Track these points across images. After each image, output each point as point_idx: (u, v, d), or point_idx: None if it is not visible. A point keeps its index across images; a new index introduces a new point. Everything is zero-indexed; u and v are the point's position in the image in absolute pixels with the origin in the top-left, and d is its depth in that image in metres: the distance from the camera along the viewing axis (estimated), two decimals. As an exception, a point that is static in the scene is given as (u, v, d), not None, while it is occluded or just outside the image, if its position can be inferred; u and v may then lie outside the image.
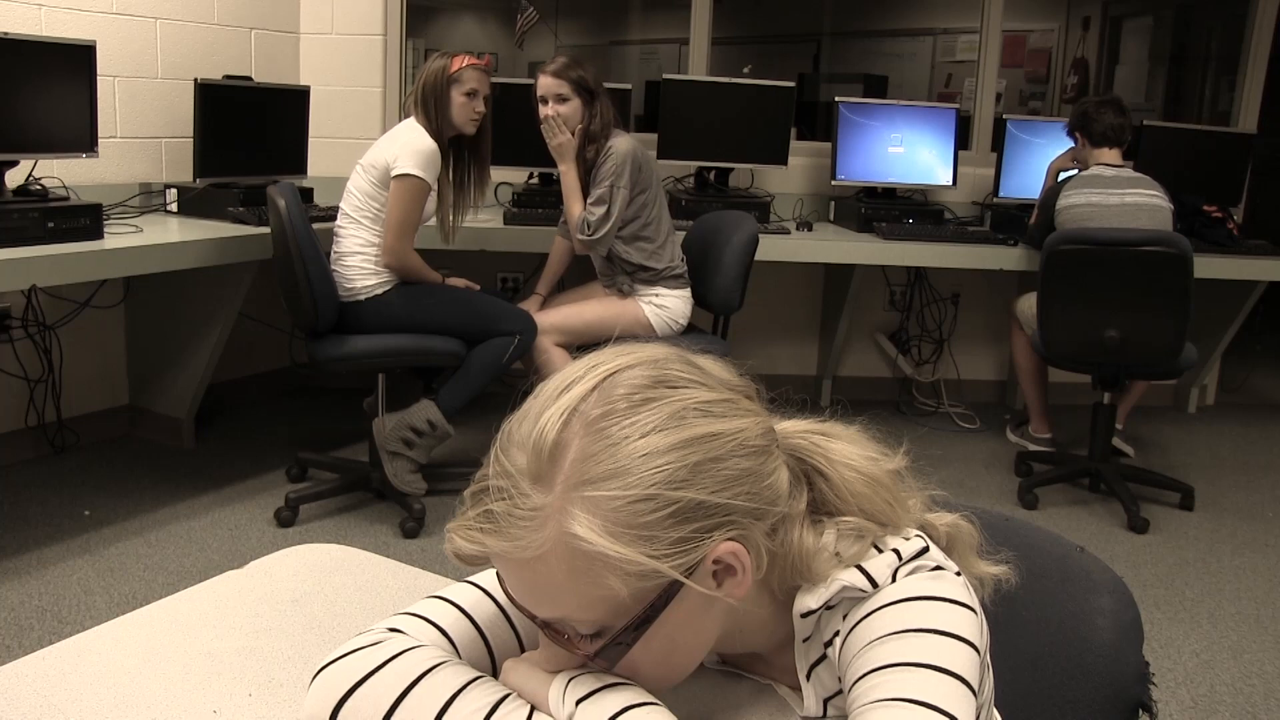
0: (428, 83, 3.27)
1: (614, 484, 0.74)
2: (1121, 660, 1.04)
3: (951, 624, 0.81)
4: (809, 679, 0.92)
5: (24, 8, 3.37)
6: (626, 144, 3.40)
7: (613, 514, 0.74)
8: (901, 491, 0.89)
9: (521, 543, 0.75)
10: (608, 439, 0.75)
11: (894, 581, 0.84)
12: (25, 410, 3.64)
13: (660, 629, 0.79)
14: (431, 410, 3.26)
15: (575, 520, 0.74)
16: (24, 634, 2.52)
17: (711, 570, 0.78)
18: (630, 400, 0.77)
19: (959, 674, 0.78)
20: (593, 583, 0.75)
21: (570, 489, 0.74)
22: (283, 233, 3.09)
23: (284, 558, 1.21)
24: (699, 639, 0.84)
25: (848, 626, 0.84)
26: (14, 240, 2.81)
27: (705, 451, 0.76)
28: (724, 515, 0.77)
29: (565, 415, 0.76)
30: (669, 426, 0.76)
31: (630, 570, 0.74)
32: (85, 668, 0.96)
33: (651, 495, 0.74)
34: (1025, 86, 7.90)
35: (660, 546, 0.74)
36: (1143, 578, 3.19)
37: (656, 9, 9.25)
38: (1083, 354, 3.59)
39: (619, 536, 0.74)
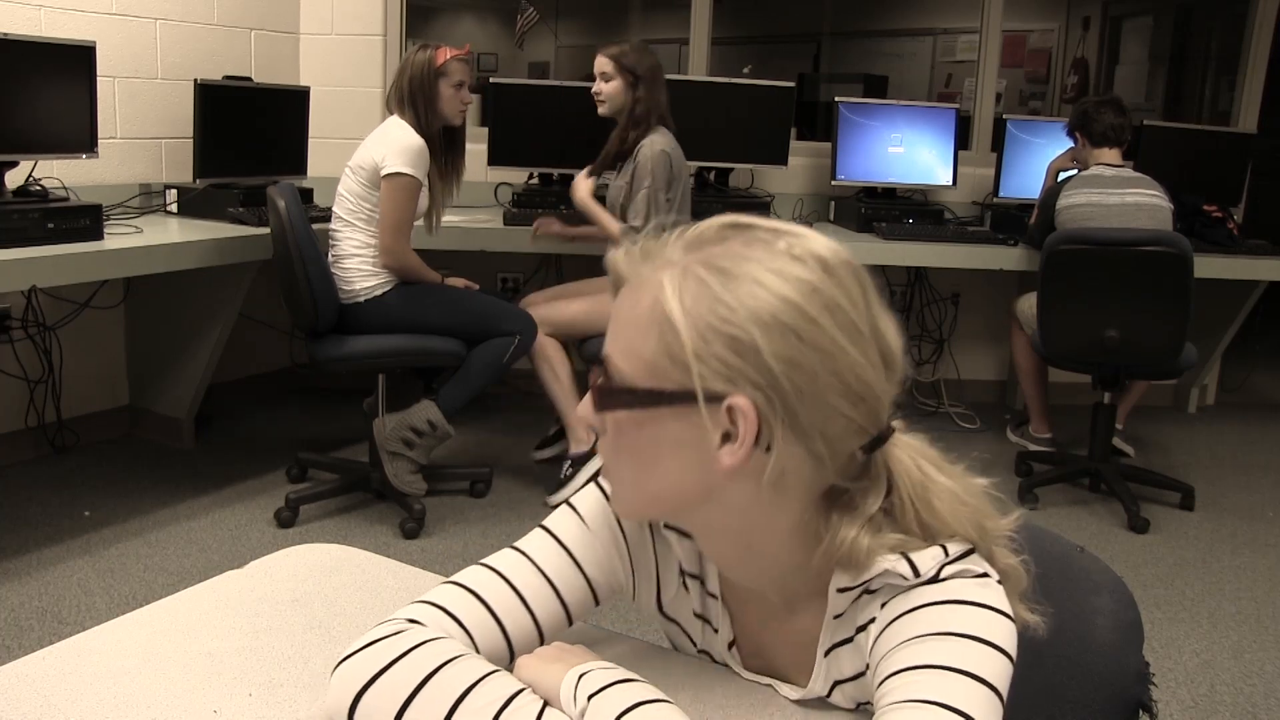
0: (414, 78, 3.24)
1: (721, 281, 0.80)
2: (1122, 661, 1.04)
3: (991, 632, 0.81)
4: (826, 655, 0.92)
5: (24, 8, 3.37)
6: (659, 143, 3.42)
7: (698, 299, 0.80)
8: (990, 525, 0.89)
9: (641, 270, 0.84)
10: (753, 252, 0.81)
11: (938, 578, 0.84)
12: (25, 411, 3.64)
13: (654, 425, 0.83)
14: (432, 410, 3.26)
15: (674, 278, 0.81)
16: (24, 634, 2.52)
17: (723, 419, 0.80)
18: (789, 249, 0.82)
19: (992, 683, 0.79)
20: (643, 336, 0.81)
21: (689, 262, 0.82)
22: (282, 233, 3.09)
23: (284, 558, 1.21)
24: (673, 473, 0.84)
25: (887, 616, 0.85)
26: (14, 241, 2.81)
27: (808, 326, 0.79)
28: (769, 385, 0.79)
29: (740, 225, 0.84)
30: (802, 294, 0.80)
31: (669, 349, 0.80)
32: (85, 668, 0.96)
33: (732, 314, 0.79)
34: (1025, 86, 7.90)
35: (704, 355, 0.79)
36: (1143, 578, 3.18)
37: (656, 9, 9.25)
38: (1083, 354, 3.59)
39: (683, 315, 0.80)
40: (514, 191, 4.29)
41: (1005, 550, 0.89)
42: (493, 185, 4.52)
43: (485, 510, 3.47)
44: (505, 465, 3.76)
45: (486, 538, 3.24)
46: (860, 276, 0.84)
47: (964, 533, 0.87)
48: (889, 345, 0.84)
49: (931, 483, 0.87)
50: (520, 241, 3.85)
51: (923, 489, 0.87)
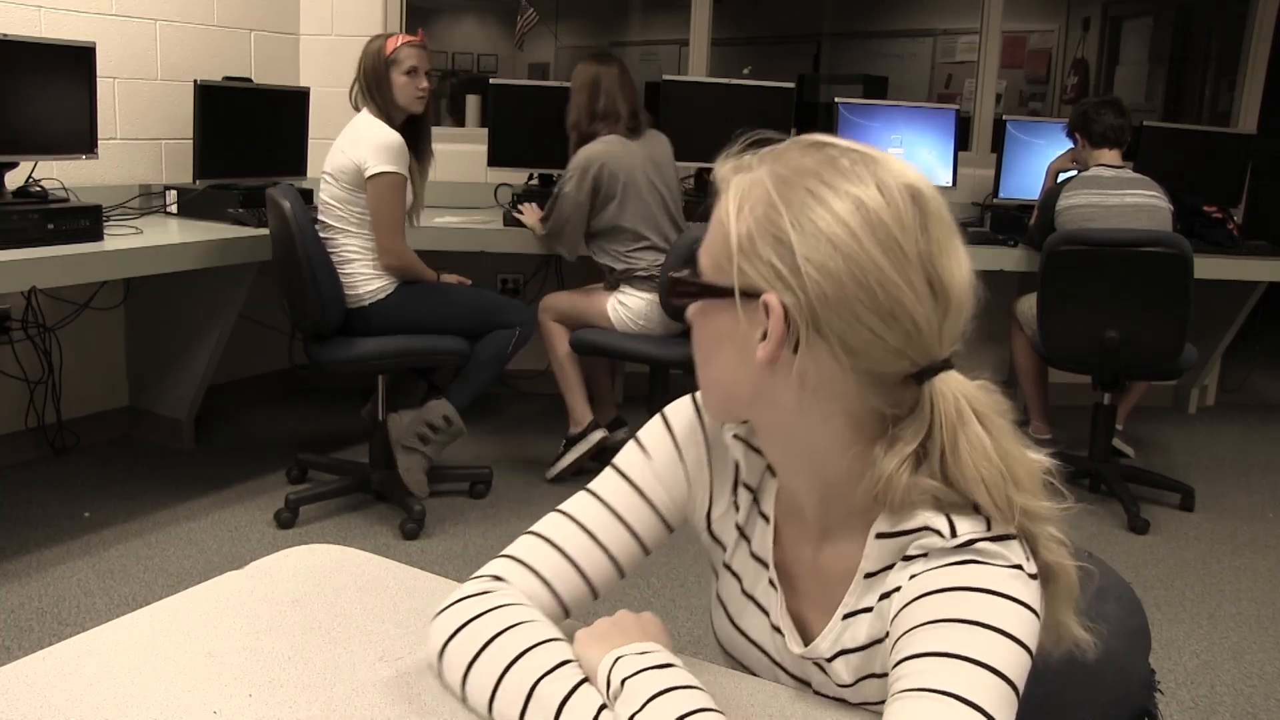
0: (367, 69, 3.25)
1: (778, 189, 0.86)
2: (1127, 668, 1.03)
3: (1013, 625, 0.81)
4: (844, 619, 0.93)
5: (24, 9, 3.37)
6: (585, 151, 3.55)
7: (755, 203, 0.86)
8: (1031, 505, 0.86)
9: (730, 173, 0.90)
10: (818, 167, 0.86)
11: (974, 558, 0.83)
12: (25, 412, 3.64)
13: (713, 317, 0.90)
14: (446, 407, 3.32)
15: (739, 184, 0.88)
16: (24, 635, 2.52)
17: (760, 316, 0.86)
18: (860, 172, 0.85)
19: (1009, 677, 0.79)
20: (714, 235, 0.89)
21: (765, 170, 0.88)
22: (286, 235, 3.09)
23: (284, 559, 1.21)
24: (726, 365, 0.91)
25: (914, 590, 0.84)
26: (14, 242, 2.81)
27: (840, 245, 0.83)
28: (799, 287, 0.83)
29: (820, 142, 0.88)
30: (847, 208, 0.84)
31: (726, 247, 0.87)
32: (85, 669, 0.96)
33: (778, 218, 0.84)
34: (1025, 87, 7.91)
35: (748, 253, 0.86)
36: (1143, 579, 3.18)
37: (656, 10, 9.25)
38: (1083, 354, 3.59)
39: (738, 215, 0.87)
40: (514, 192, 4.29)
41: (1057, 548, 0.87)
42: (492, 186, 4.52)
43: (485, 511, 3.47)
44: (505, 466, 3.75)
45: (486, 538, 3.23)
46: (924, 205, 0.85)
47: (981, 493, 0.85)
48: (944, 277, 0.85)
49: (965, 429, 0.86)
50: (520, 242, 3.85)
51: (954, 433, 0.86)
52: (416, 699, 0.94)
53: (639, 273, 3.59)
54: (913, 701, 0.78)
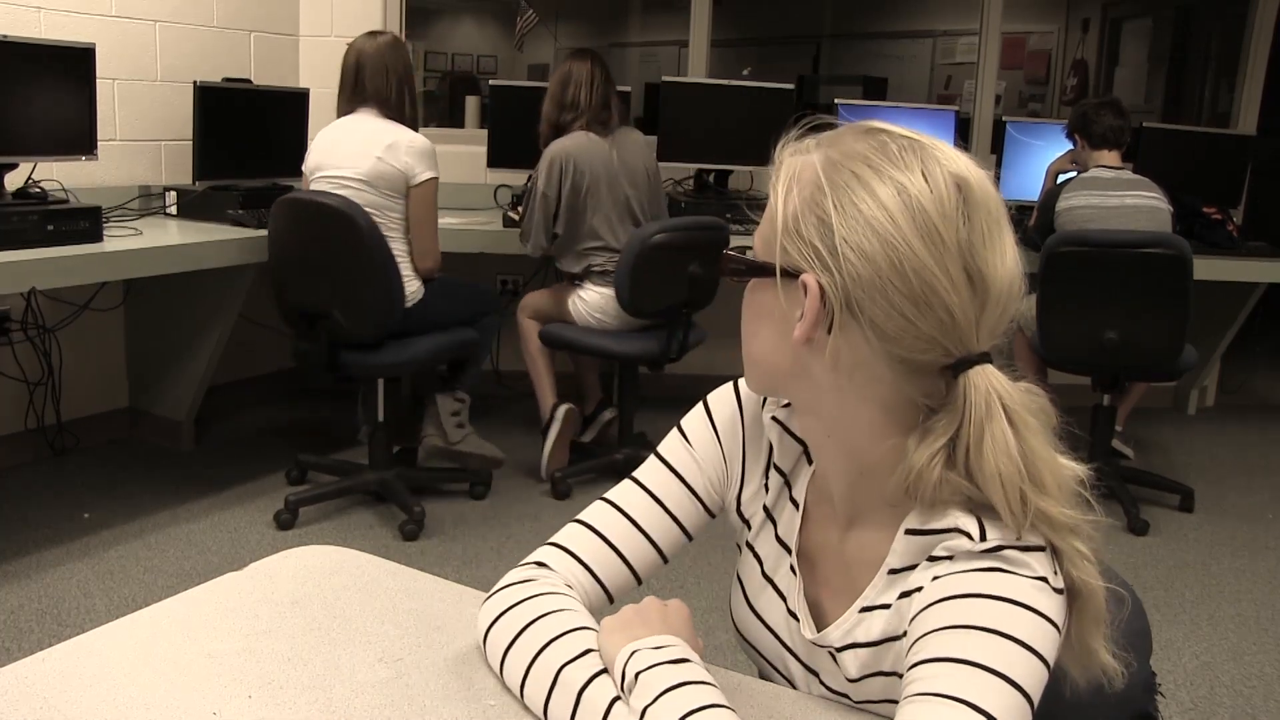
0: (402, 74, 3.32)
1: (828, 172, 0.87)
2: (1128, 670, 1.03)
3: (1034, 638, 0.80)
4: (861, 612, 0.93)
5: (23, 10, 3.37)
6: (553, 147, 3.60)
7: (804, 184, 0.88)
8: (1052, 511, 0.84)
9: (783, 158, 0.93)
10: (869, 154, 0.87)
11: (1000, 566, 0.82)
12: (25, 413, 3.64)
13: (758, 294, 0.93)
14: (446, 401, 3.61)
15: (791, 165, 0.91)
16: (23, 636, 2.52)
17: (799, 296, 0.88)
18: (908, 160, 0.87)
19: (1026, 690, 0.78)
20: (767, 215, 0.92)
21: (819, 153, 0.90)
22: (353, 241, 3.07)
23: (283, 560, 1.21)
24: (766, 341, 0.93)
25: (937, 592, 0.84)
26: (13, 243, 2.81)
27: (880, 230, 0.84)
28: (836, 268, 0.85)
29: (865, 129, 0.90)
30: (890, 194, 0.85)
31: (774, 225, 0.90)
32: (85, 670, 0.96)
33: (824, 200, 0.86)
34: (1025, 88, 7.91)
35: (791, 233, 0.88)
36: (1143, 580, 3.18)
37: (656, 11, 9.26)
38: (1082, 356, 3.59)
39: (787, 196, 0.90)
40: (513, 193, 4.29)
41: (1083, 565, 0.85)
42: (492, 187, 4.52)
43: (485, 512, 3.47)
44: (505, 467, 3.75)
45: (486, 540, 3.23)
46: (970, 194, 0.87)
47: (996, 490, 0.83)
48: (984, 269, 0.85)
49: (991, 424, 0.84)
50: (520, 243, 3.85)
51: (980, 428, 0.84)
52: (416, 700, 0.94)
53: (595, 268, 3.64)
54: (926, 706, 0.78)
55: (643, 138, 3.84)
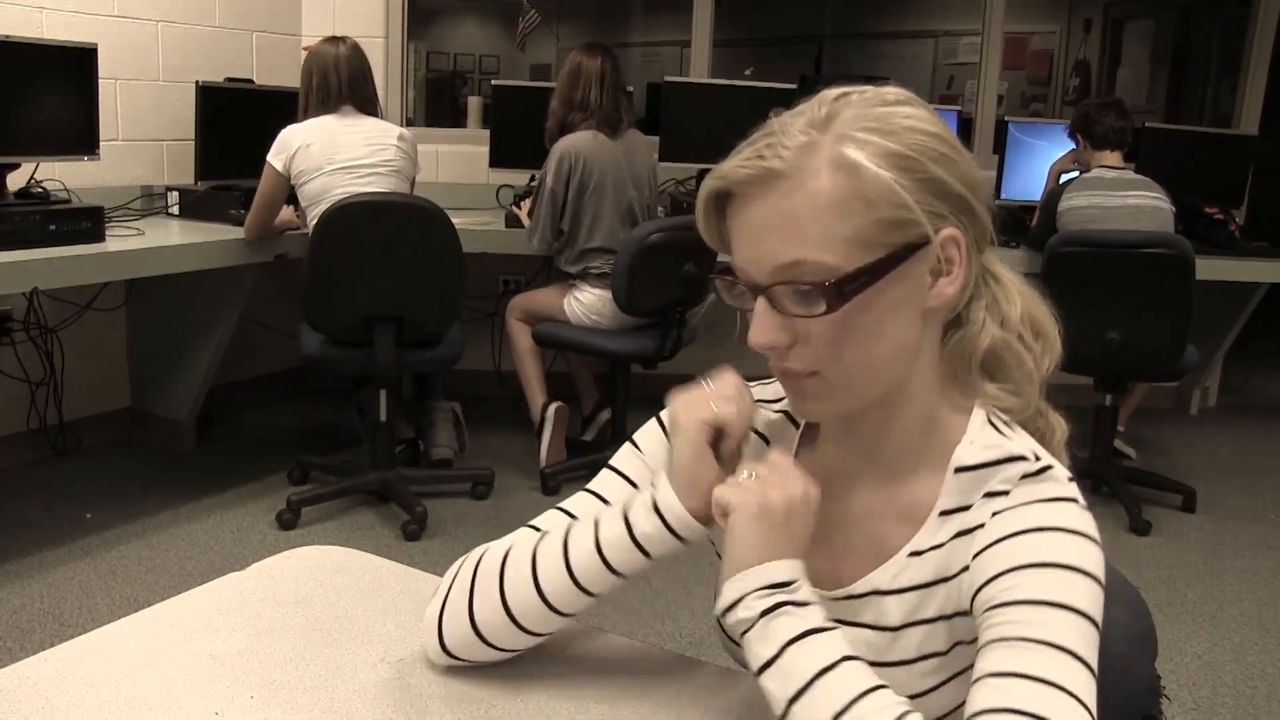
0: (371, 75, 3.40)
1: (882, 138, 0.83)
2: (1132, 672, 1.02)
3: (1096, 567, 0.83)
4: (911, 557, 0.92)
5: (25, 10, 3.38)
6: (560, 145, 3.60)
7: (882, 156, 0.83)
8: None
9: (798, 165, 0.83)
10: (878, 109, 0.86)
11: (1050, 476, 0.87)
12: (27, 413, 3.64)
13: (881, 294, 0.84)
14: (445, 411, 3.77)
15: (852, 150, 0.83)
16: (26, 636, 2.52)
17: (936, 256, 0.86)
18: (887, 96, 0.88)
19: (1096, 621, 0.81)
20: (847, 217, 0.82)
21: (846, 132, 0.84)
22: (438, 239, 3.15)
23: (286, 560, 1.21)
24: (897, 335, 0.87)
25: (997, 530, 0.86)
26: (15, 243, 2.81)
27: (953, 151, 0.86)
28: (960, 208, 0.86)
29: (841, 94, 0.87)
30: (924, 120, 0.86)
31: (888, 211, 0.82)
32: (87, 670, 0.96)
33: (913, 156, 0.83)
34: (1027, 88, 7.90)
35: (915, 199, 0.83)
36: (1145, 580, 3.18)
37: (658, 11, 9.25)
38: (1084, 356, 3.58)
39: (878, 174, 0.82)
40: (515, 193, 4.29)
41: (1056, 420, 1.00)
42: (494, 187, 4.52)
43: (487, 512, 3.47)
44: (506, 467, 3.76)
45: (488, 539, 3.22)
46: None
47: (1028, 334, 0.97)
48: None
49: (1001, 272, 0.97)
50: (522, 243, 3.85)
51: (1000, 281, 0.96)
52: (418, 700, 0.94)
53: (593, 270, 3.65)
54: (1015, 651, 0.79)
55: (646, 140, 3.84)
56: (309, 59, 3.36)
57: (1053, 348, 0.98)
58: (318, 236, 3.09)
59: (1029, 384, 0.95)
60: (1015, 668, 0.78)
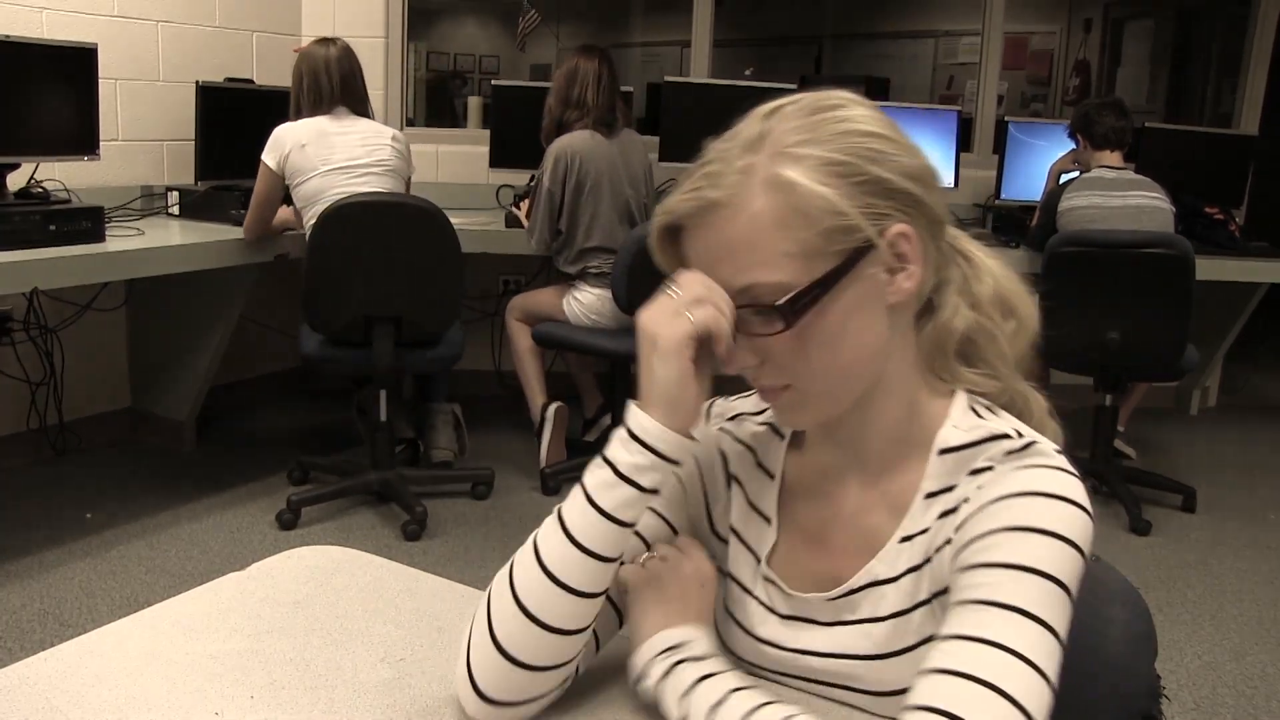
0: (360, 75, 3.40)
1: (815, 148, 0.84)
2: (1132, 672, 1.02)
3: (1081, 535, 0.83)
4: (903, 541, 0.92)
5: (26, 11, 3.38)
6: (557, 146, 3.61)
7: (815, 168, 0.83)
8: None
9: (736, 191, 0.84)
10: (808, 119, 0.86)
11: (1036, 450, 0.87)
12: (27, 413, 3.64)
13: (836, 301, 0.84)
14: (445, 413, 3.76)
15: (785, 168, 0.84)
16: (25, 636, 2.52)
17: (887, 254, 0.86)
18: (818, 102, 0.88)
19: (1070, 588, 0.81)
20: (789, 235, 0.83)
21: (778, 151, 0.84)
22: (444, 243, 3.16)
23: (286, 560, 1.21)
24: (863, 336, 0.88)
25: (981, 498, 0.86)
26: (15, 243, 2.81)
27: (889, 146, 0.86)
28: (904, 202, 0.85)
29: (772, 109, 0.88)
30: (855, 120, 0.86)
31: (828, 220, 0.83)
32: (87, 670, 0.96)
33: (848, 161, 0.84)
34: (1027, 88, 7.91)
35: (853, 205, 0.83)
36: (1145, 580, 3.18)
37: (658, 11, 9.26)
38: (1085, 356, 3.59)
39: (823, 183, 0.83)
40: (515, 194, 4.29)
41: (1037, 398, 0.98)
42: (494, 187, 4.52)
43: (487, 512, 3.47)
44: (506, 467, 3.76)
45: (488, 540, 3.23)
46: None
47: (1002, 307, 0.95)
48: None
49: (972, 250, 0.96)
50: (522, 243, 3.85)
51: (970, 259, 0.95)
52: (418, 701, 0.94)
53: (591, 270, 3.66)
54: (971, 614, 0.80)
55: (642, 140, 3.84)
56: (300, 60, 3.36)
57: (1026, 325, 0.95)
58: (317, 236, 3.09)
59: (1004, 365, 0.95)
60: (967, 630, 0.79)
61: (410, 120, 4.83)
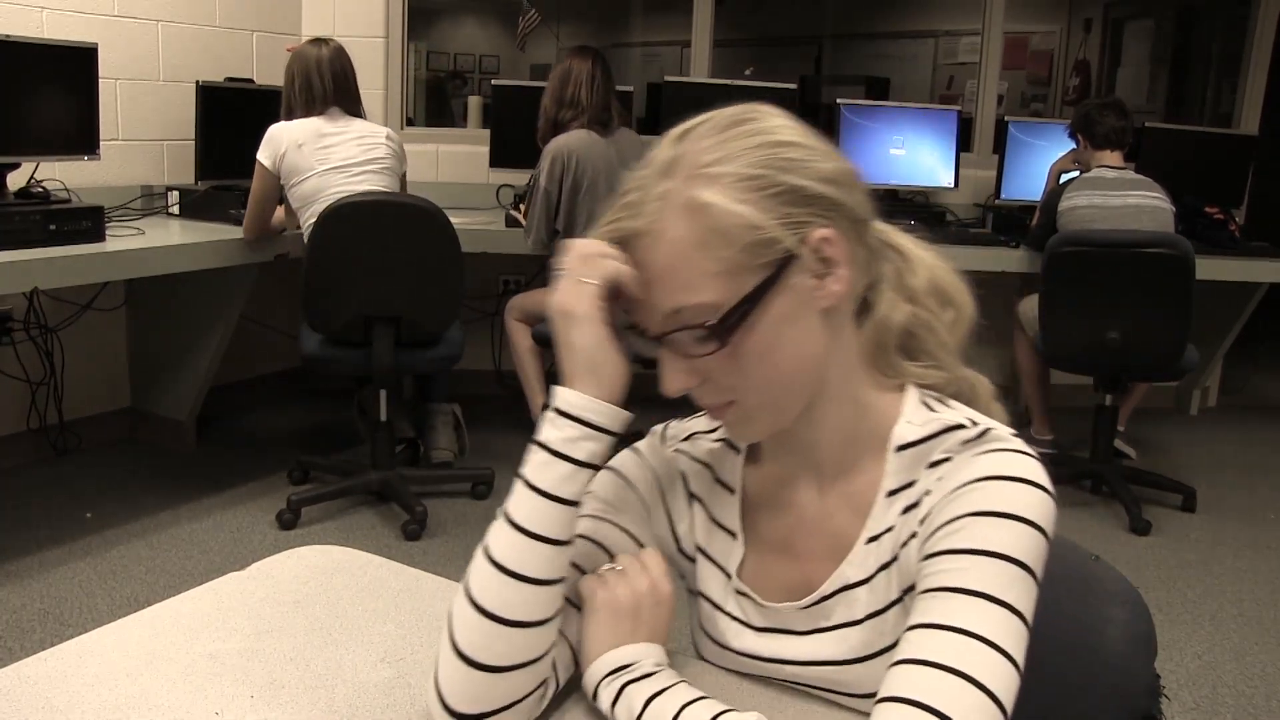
0: (353, 76, 3.40)
1: (727, 166, 0.84)
2: (1131, 672, 1.02)
3: (1044, 517, 0.84)
4: (869, 541, 0.92)
5: (26, 10, 3.38)
6: (553, 145, 3.60)
7: (729, 186, 0.83)
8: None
9: (655, 219, 0.84)
10: (717, 136, 0.86)
11: (992, 435, 0.88)
12: (27, 413, 3.64)
13: (767, 314, 0.84)
14: (445, 414, 3.77)
15: (699, 191, 0.84)
16: (26, 636, 2.52)
17: (812, 260, 0.85)
18: (728, 118, 0.88)
19: (1036, 572, 0.82)
20: (711, 255, 0.83)
21: (691, 174, 0.84)
22: (437, 239, 3.16)
23: (286, 559, 1.21)
24: (799, 344, 0.87)
25: (943, 489, 0.86)
26: (16, 243, 2.82)
27: (802, 153, 0.86)
28: (823, 206, 0.85)
29: (683, 131, 0.88)
30: (765, 132, 0.86)
31: (747, 236, 0.83)
32: (87, 670, 0.96)
33: (760, 174, 0.84)
34: (1027, 88, 7.91)
35: (772, 218, 0.83)
36: (1144, 580, 3.18)
37: (658, 11, 9.26)
38: (1085, 356, 3.59)
39: (739, 201, 0.83)
40: (515, 193, 4.29)
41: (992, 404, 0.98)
42: (494, 187, 4.52)
43: (487, 512, 3.47)
44: (506, 467, 3.75)
45: (488, 540, 3.23)
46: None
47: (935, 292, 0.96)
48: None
49: (902, 243, 0.98)
50: (522, 243, 3.85)
51: (902, 252, 0.97)
52: (418, 701, 0.94)
53: None
54: (934, 602, 0.80)
55: (639, 139, 3.84)
56: (291, 60, 3.36)
57: (964, 313, 0.96)
58: (316, 236, 3.09)
59: (947, 354, 0.96)
60: (932, 618, 0.79)
61: (410, 120, 4.83)
